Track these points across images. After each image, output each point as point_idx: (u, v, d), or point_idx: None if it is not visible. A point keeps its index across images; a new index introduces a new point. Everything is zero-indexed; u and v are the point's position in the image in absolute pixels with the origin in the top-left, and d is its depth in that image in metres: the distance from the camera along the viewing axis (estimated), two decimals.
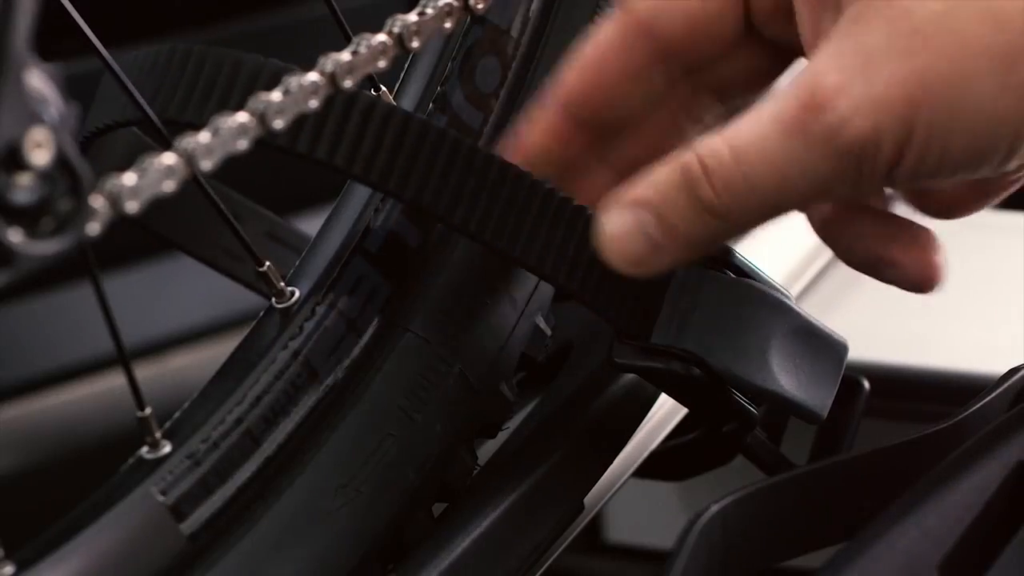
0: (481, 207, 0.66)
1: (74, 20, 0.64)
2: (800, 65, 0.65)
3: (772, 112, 0.60)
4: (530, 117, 0.67)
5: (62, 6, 0.64)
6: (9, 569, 0.61)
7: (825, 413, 0.68)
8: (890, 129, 0.59)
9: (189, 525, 0.64)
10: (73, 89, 0.56)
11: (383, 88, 0.71)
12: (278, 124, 0.62)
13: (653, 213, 0.63)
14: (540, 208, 0.66)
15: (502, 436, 0.73)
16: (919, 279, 0.65)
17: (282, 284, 0.68)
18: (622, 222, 0.63)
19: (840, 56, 0.60)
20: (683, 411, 0.78)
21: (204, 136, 0.61)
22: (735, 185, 0.61)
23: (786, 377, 0.67)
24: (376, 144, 0.64)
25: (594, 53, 0.66)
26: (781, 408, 0.69)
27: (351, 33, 0.68)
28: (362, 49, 0.65)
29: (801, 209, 0.64)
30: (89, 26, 0.64)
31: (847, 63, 0.60)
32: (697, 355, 0.67)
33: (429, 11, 0.67)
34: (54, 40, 0.62)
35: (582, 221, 0.66)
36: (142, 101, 0.65)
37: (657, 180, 0.63)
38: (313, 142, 0.64)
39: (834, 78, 0.59)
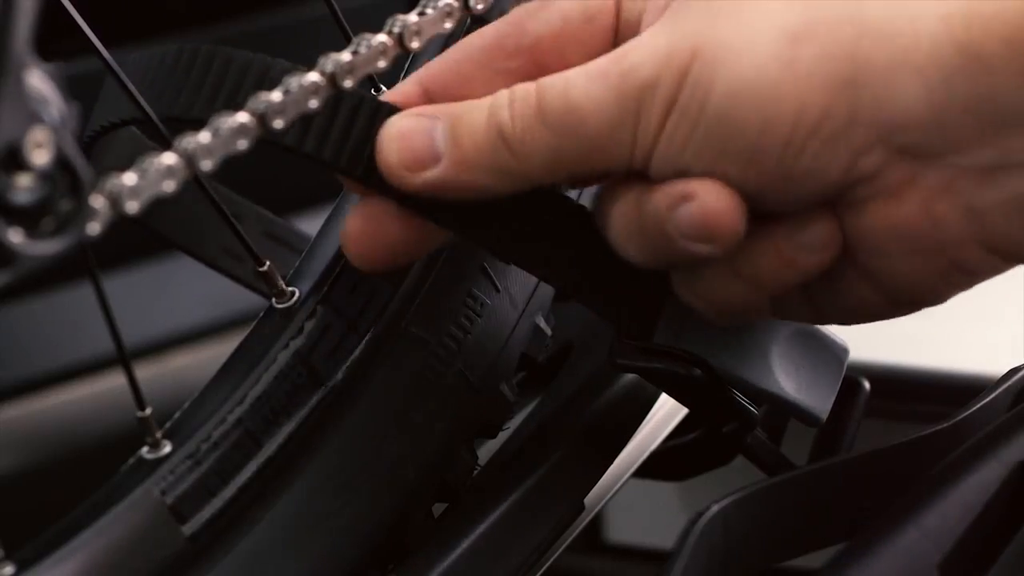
0: (479, 209, 0.66)
1: (74, 20, 0.64)
2: None
3: (584, 66, 0.62)
4: (391, 91, 0.67)
5: (62, 6, 0.64)
6: (9, 569, 0.61)
7: (825, 416, 0.68)
8: (667, 73, 0.61)
9: (190, 525, 0.64)
10: (73, 89, 0.56)
11: (383, 88, 0.71)
12: (278, 124, 0.62)
13: (447, 122, 0.63)
14: (538, 209, 0.66)
15: (502, 436, 0.73)
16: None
17: (282, 284, 0.68)
18: (414, 120, 0.64)
19: (653, 28, 0.62)
20: (683, 411, 0.78)
21: (204, 136, 0.61)
22: (532, 119, 0.62)
23: (787, 379, 0.67)
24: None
25: (467, 42, 0.66)
26: (781, 410, 0.69)
27: (351, 33, 0.68)
28: (362, 49, 0.65)
29: (594, 175, 0.64)
30: (89, 26, 0.64)
31: (655, 28, 0.62)
32: (698, 356, 0.67)
33: (429, 11, 0.67)
34: (54, 40, 0.62)
35: (582, 221, 0.66)
36: (142, 101, 0.65)
37: (465, 102, 0.64)
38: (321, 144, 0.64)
39: (639, 39, 0.62)
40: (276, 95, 0.62)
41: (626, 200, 0.63)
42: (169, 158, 0.60)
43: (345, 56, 0.65)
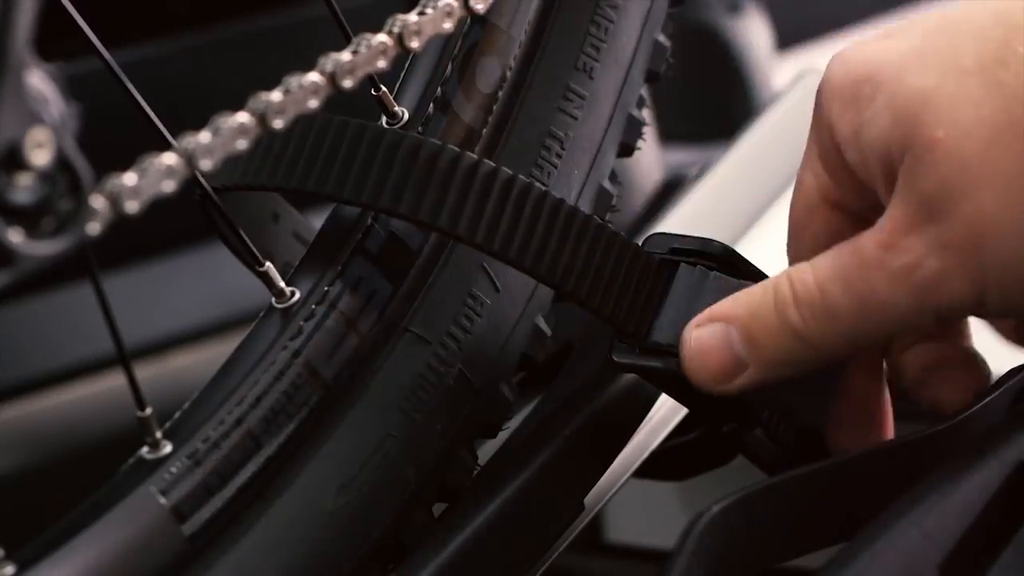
0: (473, 213, 0.66)
1: (74, 20, 0.64)
2: None
3: (851, 249, 0.63)
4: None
5: (62, 6, 0.64)
6: (10, 569, 0.61)
7: (819, 420, 0.68)
8: (958, 268, 0.62)
9: (189, 525, 0.64)
10: (73, 89, 0.56)
11: (383, 88, 0.71)
12: (278, 124, 0.62)
13: (740, 329, 0.65)
14: (535, 211, 0.66)
15: (502, 436, 0.73)
16: (950, 403, 0.69)
17: (282, 284, 0.68)
18: (710, 334, 0.66)
19: (906, 203, 0.63)
20: (683, 411, 0.78)
21: (204, 136, 0.61)
22: (818, 312, 0.64)
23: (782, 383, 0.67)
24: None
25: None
26: (778, 411, 0.70)
27: (351, 33, 0.68)
28: (362, 49, 0.65)
29: (885, 341, 0.67)
30: (89, 26, 0.64)
31: (911, 208, 0.62)
32: None
33: (429, 11, 0.67)
34: (54, 40, 0.62)
35: (579, 224, 0.67)
36: (144, 104, 0.64)
37: (749, 300, 0.65)
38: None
39: (903, 221, 0.63)
40: (276, 95, 0.62)
41: None
42: (169, 158, 0.60)
43: (345, 56, 0.65)
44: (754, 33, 1.44)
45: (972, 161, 0.61)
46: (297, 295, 0.68)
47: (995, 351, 0.81)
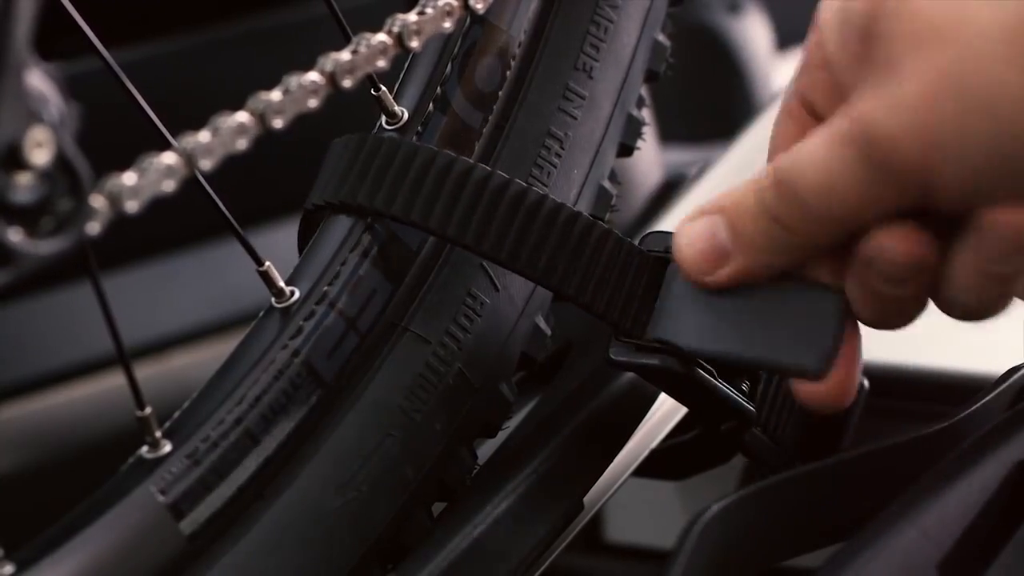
0: (467, 213, 0.66)
1: (74, 20, 0.64)
2: None
3: (824, 130, 0.63)
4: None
5: (62, 6, 0.64)
6: (9, 569, 0.61)
7: (823, 365, 0.66)
8: (909, 128, 0.61)
9: (189, 524, 0.64)
10: (73, 89, 0.56)
11: (383, 88, 0.71)
12: (277, 123, 0.62)
13: (725, 218, 0.65)
14: (529, 213, 0.67)
15: (501, 435, 0.73)
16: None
17: (282, 284, 0.68)
18: (696, 225, 0.66)
19: (871, 71, 0.63)
20: (683, 410, 0.78)
21: (204, 136, 0.61)
22: (791, 192, 0.64)
23: (773, 343, 0.66)
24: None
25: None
26: (776, 372, 0.69)
27: (351, 33, 0.68)
28: (362, 48, 0.65)
29: (857, 224, 0.64)
30: (89, 26, 0.64)
31: (874, 75, 0.62)
32: (685, 347, 0.67)
33: (429, 11, 0.67)
34: (54, 40, 0.62)
35: (573, 224, 0.67)
36: (145, 104, 0.65)
37: (733, 192, 0.66)
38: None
39: (872, 99, 0.62)
40: (276, 94, 0.62)
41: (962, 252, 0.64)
42: (169, 157, 0.60)
43: (345, 55, 0.65)
44: (754, 33, 1.44)
45: (937, 17, 0.61)
46: (297, 294, 0.68)
47: (995, 351, 0.81)
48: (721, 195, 0.66)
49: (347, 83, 0.64)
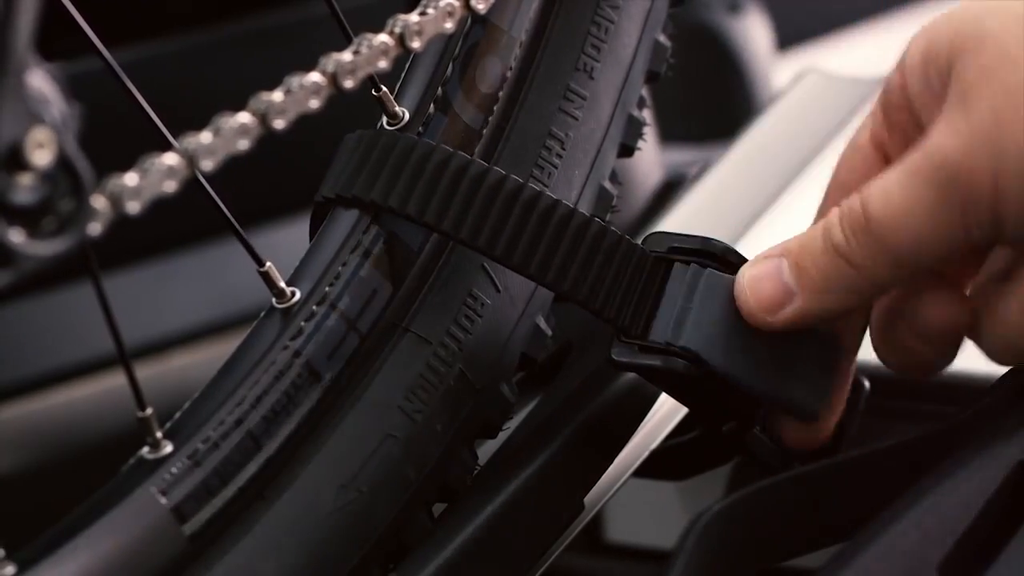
0: (467, 213, 0.66)
1: (74, 20, 0.64)
2: None
3: (898, 165, 0.64)
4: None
5: (62, 6, 0.64)
6: (10, 569, 0.61)
7: (819, 409, 0.68)
8: (981, 153, 0.62)
9: (190, 525, 0.64)
10: (74, 89, 0.56)
11: (384, 88, 0.71)
12: (279, 124, 0.62)
13: (790, 259, 0.66)
14: (525, 211, 0.67)
15: (502, 435, 0.73)
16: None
17: (282, 284, 0.68)
18: (762, 267, 0.66)
19: (948, 105, 0.63)
20: (683, 411, 0.78)
21: (205, 136, 0.61)
22: (860, 228, 0.64)
23: (779, 375, 0.67)
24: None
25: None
26: (775, 405, 0.70)
27: (352, 33, 0.68)
28: (364, 49, 0.65)
29: (930, 265, 0.65)
30: (89, 26, 0.64)
31: (952, 108, 0.63)
32: (693, 352, 0.67)
33: (430, 11, 0.67)
34: (54, 40, 0.62)
35: (576, 225, 0.67)
36: (147, 107, 0.64)
37: (801, 235, 0.66)
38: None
39: (945, 128, 0.63)
40: (278, 95, 0.62)
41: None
42: (170, 158, 0.60)
43: (346, 56, 0.65)
44: (754, 33, 1.44)
45: (1010, 44, 0.62)
46: (297, 295, 0.68)
47: None
48: (789, 239, 0.66)
49: (348, 83, 0.64)
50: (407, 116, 0.71)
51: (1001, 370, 0.73)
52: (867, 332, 0.70)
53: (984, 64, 0.62)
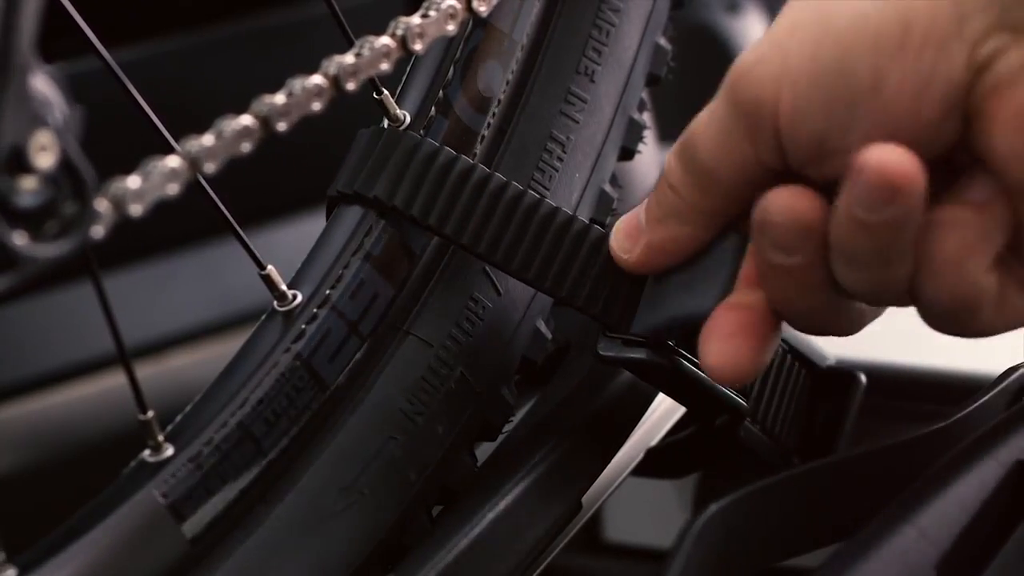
0: (464, 216, 0.67)
1: (74, 20, 0.64)
2: None
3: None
4: None
5: (62, 6, 0.64)
6: (12, 572, 0.61)
7: (713, 302, 0.65)
8: (767, 56, 0.61)
9: (191, 528, 0.64)
10: (77, 91, 0.56)
11: (385, 92, 0.71)
12: (281, 126, 0.62)
13: (644, 209, 0.65)
14: (507, 209, 0.67)
15: (501, 435, 0.73)
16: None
17: (284, 287, 0.68)
18: (628, 213, 0.66)
19: (762, 37, 0.63)
20: (681, 409, 0.78)
21: (208, 139, 0.61)
22: (680, 154, 0.64)
23: (682, 297, 0.66)
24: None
25: None
26: (687, 323, 0.67)
27: (352, 34, 0.68)
28: (365, 51, 0.65)
29: (736, 190, 0.64)
30: (89, 26, 0.64)
31: (763, 35, 0.63)
32: (635, 331, 0.67)
33: (432, 13, 0.67)
34: (54, 40, 0.62)
35: (572, 229, 0.67)
36: (149, 110, 0.65)
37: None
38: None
39: (753, 45, 0.63)
40: (279, 97, 0.63)
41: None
42: (173, 161, 0.60)
43: (348, 58, 0.65)
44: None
45: None
46: (299, 298, 0.68)
47: (995, 351, 0.81)
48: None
49: (350, 86, 0.64)
50: (408, 119, 0.71)
51: (999, 369, 0.73)
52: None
53: None
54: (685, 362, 0.68)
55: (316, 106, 0.63)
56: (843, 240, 0.61)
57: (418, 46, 0.67)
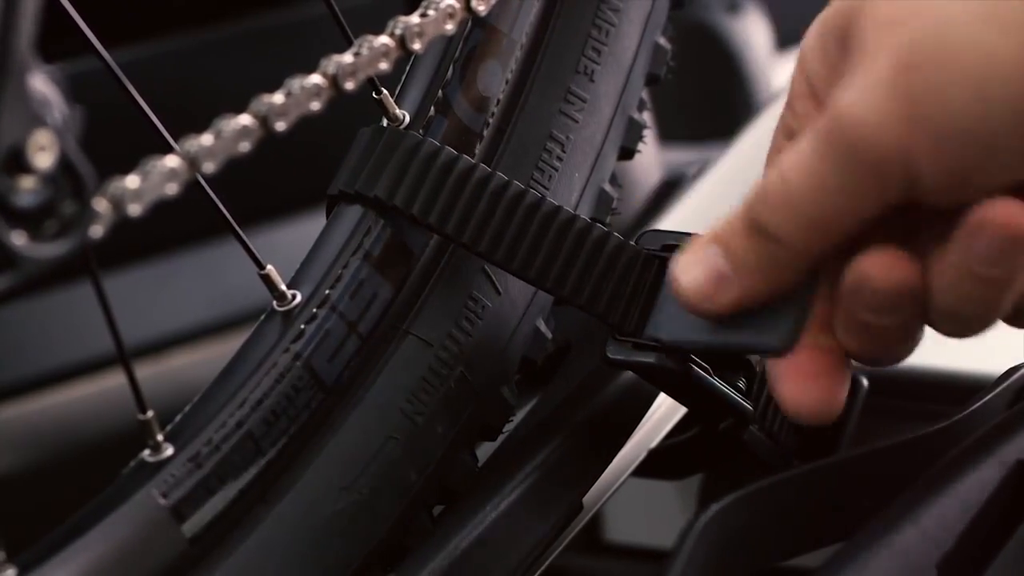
0: (465, 215, 0.67)
1: (74, 20, 0.64)
2: None
3: (808, 134, 0.62)
4: None
5: (62, 6, 0.64)
6: (12, 572, 0.61)
7: (787, 343, 0.64)
8: (884, 104, 0.59)
9: (190, 528, 0.64)
10: (74, 90, 0.56)
11: (384, 91, 0.71)
12: (280, 126, 0.62)
13: (720, 244, 0.64)
14: (508, 208, 0.67)
15: (501, 436, 0.73)
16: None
17: (283, 287, 0.68)
18: (693, 256, 0.64)
19: (853, 78, 0.61)
20: (682, 410, 0.78)
21: (206, 138, 0.61)
22: (780, 202, 0.62)
23: (741, 327, 0.66)
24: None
25: None
26: (745, 353, 0.68)
27: (351, 34, 0.68)
28: (364, 51, 0.65)
29: (854, 230, 0.62)
30: (89, 26, 0.64)
31: (860, 77, 0.60)
32: (668, 341, 0.67)
33: (431, 13, 0.67)
34: (53, 40, 0.62)
35: (568, 224, 0.67)
36: (148, 110, 0.65)
37: (725, 217, 0.64)
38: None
39: (848, 87, 0.60)
40: (278, 97, 0.63)
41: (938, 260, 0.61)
42: (172, 160, 0.60)
43: (347, 58, 0.65)
44: (754, 33, 1.44)
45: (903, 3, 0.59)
46: (298, 298, 0.68)
47: (995, 351, 0.81)
48: (714, 225, 0.64)
49: (349, 85, 0.64)
50: (407, 118, 0.71)
51: (1000, 370, 0.73)
52: None
53: (884, 16, 0.59)
54: (696, 368, 0.68)
55: (315, 106, 0.63)
56: (951, 296, 0.61)
57: (417, 46, 0.67)
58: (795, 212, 0.61)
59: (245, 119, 0.62)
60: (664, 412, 0.78)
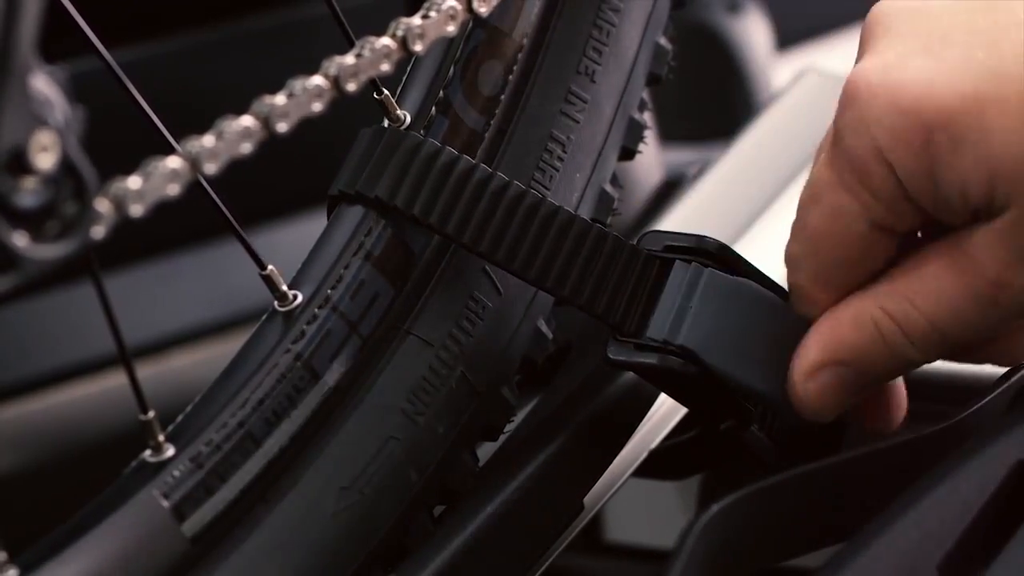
0: (466, 216, 0.67)
1: (74, 20, 0.64)
2: None
3: (958, 288, 0.65)
4: None
5: (63, 6, 0.64)
6: (13, 572, 0.61)
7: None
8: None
9: (191, 528, 0.64)
10: (74, 90, 0.56)
11: (386, 92, 0.71)
12: (282, 127, 0.63)
13: (855, 371, 0.67)
14: (509, 208, 0.67)
15: (501, 436, 0.73)
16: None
17: (284, 287, 0.68)
18: (824, 383, 0.67)
19: (1013, 248, 0.64)
20: (682, 411, 0.78)
21: (208, 140, 0.61)
22: (937, 346, 0.66)
23: (776, 379, 0.67)
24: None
25: None
26: (772, 409, 0.70)
27: (352, 34, 0.68)
28: (366, 52, 0.65)
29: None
30: (89, 26, 0.64)
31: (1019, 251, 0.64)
32: (690, 351, 0.67)
33: (433, 14, 0.67)
34: (55, 40, 0.62)
35: (568, 225, 0.67)
36: (150, 111, 0.65)
37: (851, 342, 0.67)
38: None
39: (1011, 260, 0.64)
40: (280, 98, 0.63)
41: None
42: (173, 161, 0.60)
43: (349, 59, 0.65)
44: (754, 33, 1.44)
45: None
46: (299, 298, 0.68)
47: None
48: (834, 343, 0.67)
49: (351, 87, 0.64)
50: (408, 119, 0.71)
51: (1000, 369, 0.73)
52: None
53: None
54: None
55: (317, 107, 0.63)
56: None
57: (418, 47, 0.67)
58: (949, 347, 0.67)
59: (247, 120, 0.62)
60: (664, 413, 0.78)
